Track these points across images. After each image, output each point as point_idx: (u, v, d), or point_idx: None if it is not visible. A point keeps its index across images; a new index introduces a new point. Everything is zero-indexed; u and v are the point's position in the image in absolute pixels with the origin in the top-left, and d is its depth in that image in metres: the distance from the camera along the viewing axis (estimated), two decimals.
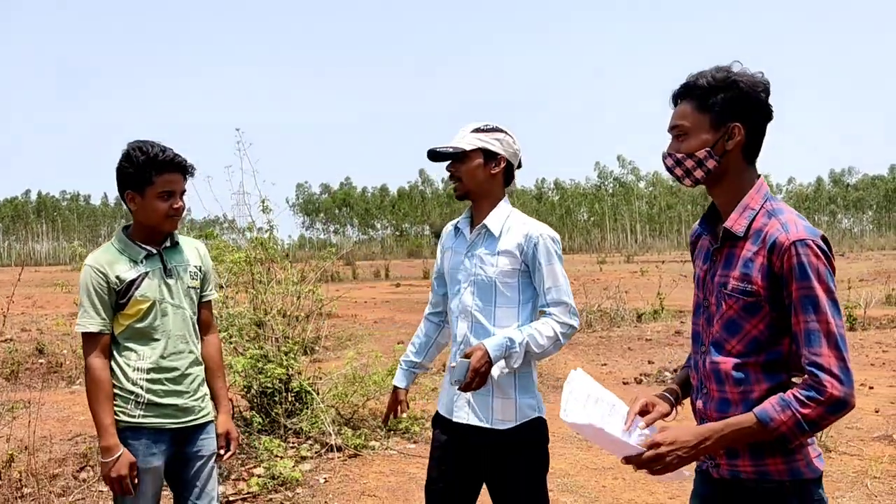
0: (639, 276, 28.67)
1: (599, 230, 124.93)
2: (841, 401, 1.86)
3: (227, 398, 3.18)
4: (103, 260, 2.83)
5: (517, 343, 2.65)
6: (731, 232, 2.05)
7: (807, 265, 1.90)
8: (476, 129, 2.83)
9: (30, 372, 10.04)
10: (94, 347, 2.81)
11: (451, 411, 2.84)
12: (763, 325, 1.99)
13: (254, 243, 6.44)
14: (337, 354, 10.15)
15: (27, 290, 25.99)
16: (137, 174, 2.79)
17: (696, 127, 2.06)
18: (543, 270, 2.77)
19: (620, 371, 9.47)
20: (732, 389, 2.04)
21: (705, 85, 2.04)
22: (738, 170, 2.07)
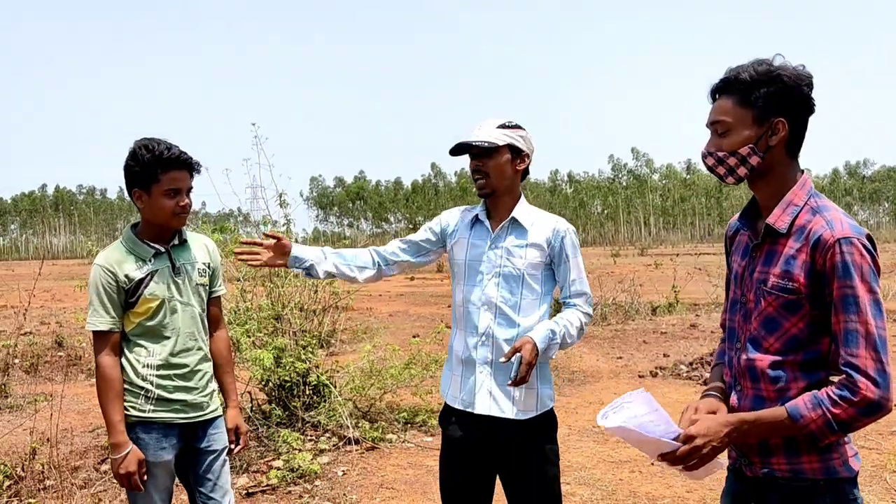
0: (653, 268, 28.58)
1: (613, 223, 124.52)
2: (875, 403, 1.83)
3: (236, 393, 3.19)
4: (112, 259, 2.85)
5: (558, 335, 2.72)
6: (773, 228, 2.01)
7: (850, 264, 1.86)
8: (501, 126, 2.84)
9: (49, 365, 10.15)
10: (104, 345, 2.84)
11: (469, 403, 2.83)
12: (803, 324, 1.96)
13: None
14: (353, 348, 10.20)
15: (45, 283, 26.23)
16: (143, 172, 2.80)
17: (739, 123, 2.00)
18: (570, 263, 2.85)
19: (636, 364, 9.46)
20: (768, 387, 2.01)
21: (747, 79, 1.98)
22: (781, 165, 2.02)
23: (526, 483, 2.82)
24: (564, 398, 7.64)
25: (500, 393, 2.78)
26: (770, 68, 1.96)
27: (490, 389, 2.79)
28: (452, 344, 2.96)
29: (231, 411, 3.12)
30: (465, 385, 2.85)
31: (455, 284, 2.97)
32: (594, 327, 12.73)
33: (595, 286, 16.48)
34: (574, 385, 8.33)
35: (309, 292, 6.59)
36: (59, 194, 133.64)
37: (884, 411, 1.84)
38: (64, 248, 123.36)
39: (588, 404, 7.34)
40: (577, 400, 7.54)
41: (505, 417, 2.78)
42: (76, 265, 43.50)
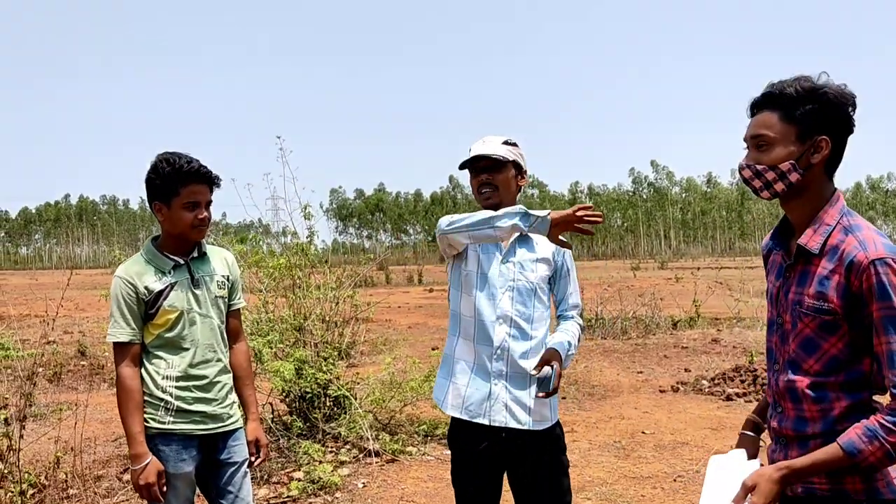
0: (673, 282, 28.39)
1: (633, 236, 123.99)
2: None
3: (256, 405, 3.20)
4: (132, 271, 2.89)
5: (572, 346, 2.83)
6: (805, 249, 1.99)
7: (887, 284, 1.84)
8: (505, 142, 2.95)
9: (72, 374, 10.25)
10: (124, 357, 2.86)
11: (476, 414, 2.84)
12: (842, 344, 1.94)
13: (294, 249, 6.52)
14: (372, 359, 10.21)
15: (69, 292, 26.43)
16: (164, 185, 2.85)
17: (782, 138, 1.97)
18: (571, 276, 2.99)
19: (657, 379, 9.40)
20: (811, 407, 1.98)
21: (793, 94, 1.95)
22: (818, 184, 2.01)
23: (539, 494, 2.86)
24: (585, 413, 7.60)
25: (516, 405, 2.82)
26: (815, 85, 1.95)
27: (506, 402, 2.82)
28: (454, 352, 2.95)
29: (251, 424, 3.13)
30: (473, 395, 2.86)
31: (462, 295, 2.93)
32: (614, 341, 12.67)
33: (615, 300, 16.39)
34: (594, 399, 8.29)
35: (330, 304, 6.62)
36: (82, 204, 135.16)
37: None
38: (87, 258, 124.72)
39: (608, 419, 7.29)
40: (597, 414, 7.50)
41: (522, 429, 2.82)
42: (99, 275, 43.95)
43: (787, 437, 2.06)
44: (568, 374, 9.57)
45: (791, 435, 2.04)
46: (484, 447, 2.86)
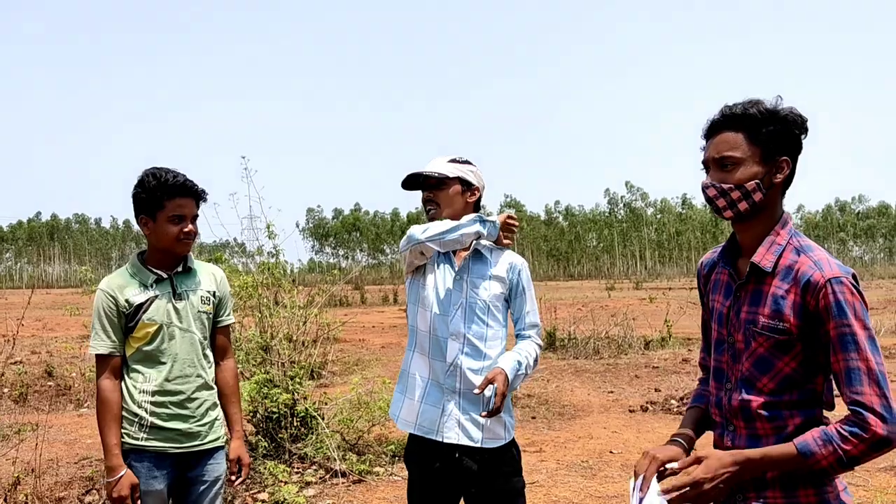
0: (647, 303, 28.60)
1: (609, 256, 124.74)
2: (884, 439, 1.84)
3: (240, 424, 3.19)
4: (114, 284, 2.90)
5: (523, 365, 2.80)
6: (758, 267, 2.03)
7: (844, 303, 1.89)
8: (452, 160, 2.99)
9: (38, 394, 10.09)
10: (104, 369, 2.87)
11: (429, 430, 2.85)
12: (795, 363, 1.98)
13: (261, 268, 6.51)
14: (344, 379, 10.17)
15: (38, 312, 26.13)
16: (150, 199, 2.87)
17: (748, 158, 2.01)
18: (526, 295, 2.96)
19: (627, 399, 9.44)
20: (765, 425, 2.01)
21: (757, 116, 2.00)
22: (775, 204, 2.06)
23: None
24: (554, 432, 7.61)
25: (469, 422, 2.82)
26: (776, 108, 2.01)
27: (458, 419, 2.82)
28: (409, 367, 2.96)
29: (234, 442, 3.12)
30: (426, 412, 2.87)
31: (419, 310, 2.95)
32: (586, 361, 12.72)
33: (588, 320, 16.48)
34: (564, 419, 8.31)
35: (298, 323, 6.60)
36: (54, 223, 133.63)
37: (892, 446, 1.86)
38: (58, 277, 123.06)
39: (577, 439, 7.31)
40: (566, 434, 7.51)
41: (474, 446, 2.81)
42: (70, 294, 43.37)
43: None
44: (539, 393, 9.59)
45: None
46: (438, 466, 2.85)
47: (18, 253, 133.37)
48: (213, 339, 3.13)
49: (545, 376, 11.04)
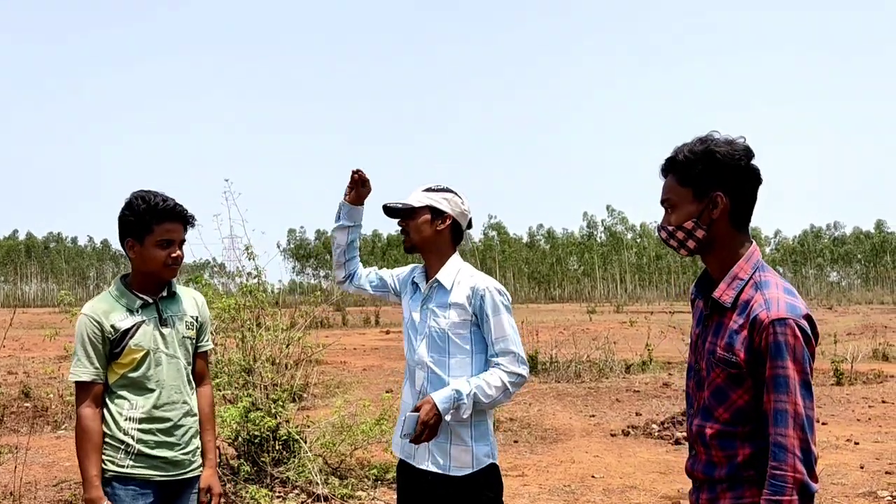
0: (628, 326, 28.70)
1: (590, 279, 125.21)
2: (803, 484, 1.90)
3: (214, 452, 3.13)
4: (99, 309, 2.84)
5: (464, 395, 2.77)
6: (718, 302, 2.10)
7: (783, 344, 1.93)
8: (427, 189, 3.05)
9: (15, 416, 9.96)
10: (86, 397, 2.81)
11: (409, 455, 2.96)
12: (748, 397, 2.03)
13: (242, 290, 6.50)
14: (325, 402, 10.13)
15: (15, 332, 25.78)
16: (138, 222, 2.84)
17: (682, 199, 2.13)
18: (491, 322, 2.90)
19: (608, 423, 9.47)
20: (718, 453, 2.09)
21: (683, 160, 2.12)
22: (727, 237, 2.12)
23: None
24: (536, 456, 7.62)
25: (436, 449, 2.88)
26: (705, 146, 2.09)
27: (428, 446, 2.88)
28: (403, 395, 3.08)
29: (207, 471, 3.05)
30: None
31: (405, 340, 3.10)
32: (568, 385, 12.75)
33: (570, 344, 16.52)
34: (546, 443, 8.32)
35: (280, 346, 6.58)
36: (30, 242, 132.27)
37: (811, 491, 1.91)
38: (35, 296, 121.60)
39: (559, 463, 7.33)
40: (548, 458, 7.52)
41: (442, 473, 2.86)
42: (47, 314, 42.85)
43: (699, 480, 2.16)
44: (521, 417, 9.61)
45: (701, 478, 2.14)
46: (416, 491, 2.94)
47: None
48: (192, 365, 3.08)
49: (527, 400, 11.05)
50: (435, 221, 3.01)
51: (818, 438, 8.15)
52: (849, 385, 12.59)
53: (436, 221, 3.01)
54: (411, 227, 3.02)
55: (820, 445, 7.94)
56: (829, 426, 9.13)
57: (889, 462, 7.18)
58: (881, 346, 17.69)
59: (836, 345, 17.04)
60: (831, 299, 68.64)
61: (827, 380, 13.00)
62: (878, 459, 7.33)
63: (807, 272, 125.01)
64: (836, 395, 11.46)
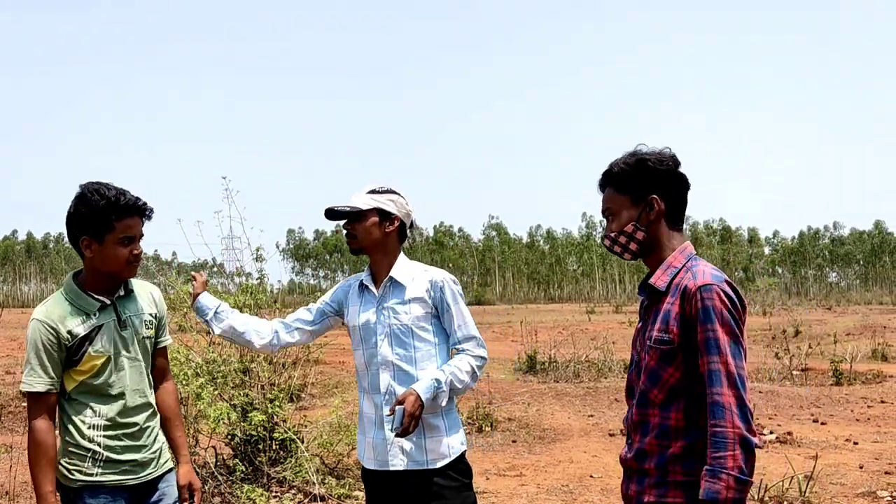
0: (627, 326, 28.68)
1: (589, 280, 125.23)
2: (743, 438, 1.99)
3: (186, 447, 3.04)
4: (54, 315, 2.65)
5: (443, 383, 2.83)
6: (654, 288, 2.26)
7: (710, 308, 2.07)
8: (371, 191, 3.04)
9: (13, 415, 9.95)
10: (40, 408, 2.64)
11: (383, 462, 2.93)
12: (679, 374, 2.14)
13: (243, 290, 6.48)
14: (323, 402, 10.11)
15: (13, 332, 25.75)
16: (95, 219, 2.63)
17: (621, 206, 2.33)
18: (452, 310, 2.98)
19: (607, 422, 9.45)
20: (652, 441, 2.18)
21: (618, 171, 2.32)
22: (665, 236, 2.31)
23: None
24: (534, 456, 7.60)
25: (411, 446, 2.88)
26: (637, 158, 2.31)
27: (401, 446, 2.89)
28: (362, 408, 3.06)
29: (183, 467, 2.97)
30: (377, 446, 2.95)
31: (355, 350, 3.08)
32: (566, 384, 12.72)
33: (569, 344, 16.51)
34: (545, 443, 8.30)
35: None
36: (30, 241, 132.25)
37: (752, 444, 2.01)
38: (35, 296, 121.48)
39: (557, 463, 7.30)
40: (546, 458, 7.50)
41: (421, 469, 2.87)
42: None
43: (630, 469, 2.27)
44: (519, 417, 9.58)
45: (633, 466, 2.25)
46: (392, 495, 2.94)
47: None
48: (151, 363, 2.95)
49: (526, 400, 11.03)
50: (383, 223, 3.02)
51: (817, 437, 8.21)
52: (848, 385, 12.57)
53: (384, 223, 3.03)
54: (359, 230, 3.02)
55: (819, 445, 7.95)
56: (828, 426, 9.11)
57: (888, 462, 7.16)
58: (880, 346, 17.64)
59: (835, 345, 17.01)
60: (830, 300, 68.60)
61: (826, 380, 12.98)
62: (877, 459, 7.31)
63: (806, 273, 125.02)
64: (836, 395, 11.44)
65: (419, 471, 2.88)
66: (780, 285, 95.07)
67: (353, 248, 3.06)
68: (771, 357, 14.42)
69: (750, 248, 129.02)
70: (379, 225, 3.01)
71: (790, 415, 9.93)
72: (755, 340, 20.36)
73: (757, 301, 41.45)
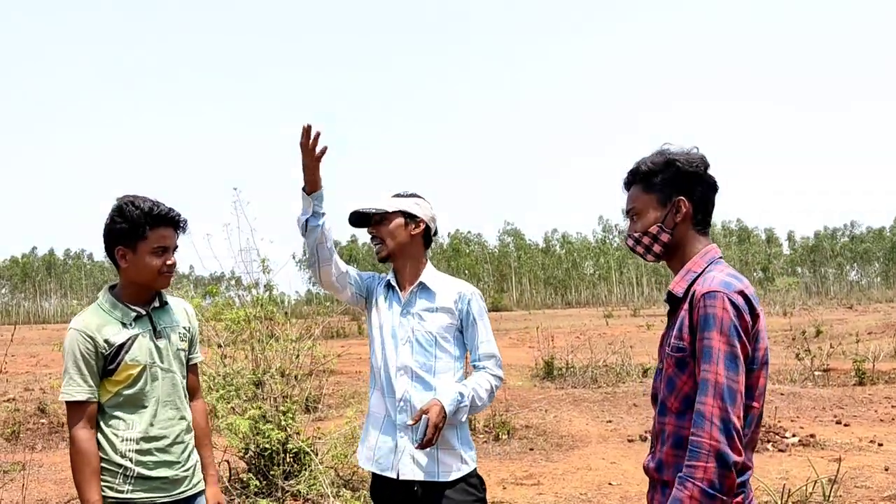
0: (644, 330, 28.49)
1: (606, 284, 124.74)
2: (720, 452, 1.92)
3: (215, 467, 3.03)
4: (92, 324, 2.69)
5: (466, 397, 2.77)
6: (672, 294, 2.20)
7: (711, 316, 2.00)
8: (396, 195, 2.99)
9: (31, 432, 9.97)
10: (80, 417, 2.66)
11: (385, 467, 2.86)
12: (692, 381, 2.08)
13: (255, 301, 6.45)
14: (339, 412, 10.07)
15: (32, 348, 25.96)
16: (131, 229, 2.69)
17: (647, 206, 2.26)
18: (478, 325, 2.92)
19: (625, 428, 9.34)
20: (669, 452, 2.13)
21: (646, 169, 2.26)
22: (690, 240, 2.24)
23: None
24: (552, 464, 7.51)
25: (423, 456, 2.81)
26: (665, 158, 2.24)
27: (412, 454, 2.82)
28: (370, 407, 2.99)
29: (211, 488, 2.95)
30: (382, 448, 2.88)
31: (373, 348, 3.02)
32: (584, 390, 12.61)
33: (586, 348, 16.39)
34: (562, 450, 8.20)
35: (290, 357, 6.52)
36: (50, 258, 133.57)
37: (729, 462, 1.93)
38: (55, 313, 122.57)
39: (576, 470, 7.21)
40: (564, 466, 7.41)
41: (430, 481, 2.80)
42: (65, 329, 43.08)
43: (653, 480, 2.21)
44: (537, 424, 9.49)
45: (656, 477, 2.19)
46: (396, 501, 2.86)
47: (14, 288, 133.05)
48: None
49: (543, 407, 10.94)
50: (409, 226, 2.96)
51: (840, 439, 8.07)
52: (871, 385, 12.38)
53: (409, 226, 2.96)
54: (384, 232, 2.95)
55: (843, 447, 7.81)
56: (851, 427, 8.96)
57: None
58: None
59: (857, 344, 16.78)
60: (851, 298, 67.88)
61: (849, 380, 12.80)
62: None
63: (826, 272, 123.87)
64: (859, 395, 11.27)
65: (430, 482, 2.81)
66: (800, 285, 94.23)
67: (382, 254, 2.97)
68: (792, 358, 14.25)
69: (768, 247, 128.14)
70: (405, 227, 2.95)
71: (812, 416, 9.78)
72: (775, 342, 20.15)
73: (777, 301, 41.09)
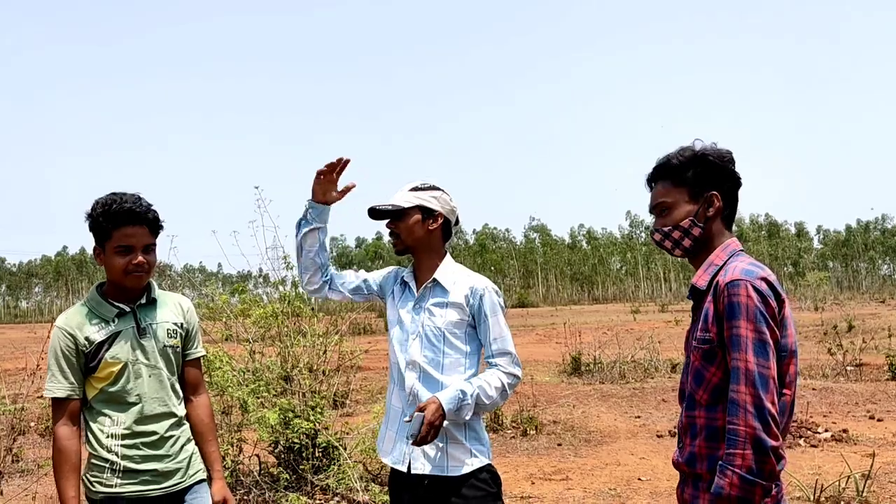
0: (672, 325, 28.27)
1: (633, 279, 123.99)
2: (756, 438, 1.92)
3: (220, 462, 2.98)
4: (73, 322, 2.68)
5: (468, 395, 2.72)
6: (695, 287, 2.19)
7: (736, 304, 2.00)
8: (414, 188, 2.95)
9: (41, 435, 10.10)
10: (61, 414, 2.64)
11: (398, 461, 2.86)
12: (721, 372, 2.07)
13: (282, 298, 6.50)
14: (367, 408, 10.10)
15: None
16: (96, 230, 2.68)
17: (678, 200, 2.25)
18: (489, 322, 2.85)
19: (654, 423, 9.27)
20: (702, 444, 2.12)
21: (677, 164, 2.24)
22: (718, 235, 2.24)
23: None
24: (581, 459, 7.48)
25: (432, 451, 2.79)
26: (695, 151, 2.23)
27: (423, 449, 2.79)
28: (390, 400, 2.98)
29: (217, 483, 2.92)
30: (397, 443, 2.87)
31: (389, 342, 3.01)
32: (612, 385, 12.55)
33: (614, 344, 16.30)
34: (591, 446, 8.17)
35: (318, 352, 6.56)
36: (81, 257, 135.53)
37: (767, 447, 1.92)
38: None
39: (604, 465, 7.17)
40: (593, 461, 7.37)
41: (440, 475, 2.78)
42: None
43: (684, 473, 2.20)
44: (565, 420, 9.46)
45: (686, 471, 2.18)
46: (409, 497, 2.85)
47: (47, 287, 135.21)
48: (182, 374, 2.92)
49: (571, 402, 10.89)
50: (426, 221, 2.93)
51: (874, 435, 7.95)
52: None
53: (427, 221, 2.93)
54: (402, 228, 2.93)
55: (876, 443, 7.69)
56: (885, 423, 8.82)
57: None
58: None
59: (890, 339, 16.51)
60: (884, 293, 66.85)
61: (882, 375, 12.60)
62: None
63: (857, 266, 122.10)
64: (892, 390, 11.09)
65: (440, 477, 2.79)
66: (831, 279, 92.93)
67: (398, 248, 2.96)
68: (824, 353, 14.06)
69: (798, 241, 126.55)
70: (422, 223, 2.92)
71: (845, 412, 9.65)
72: (806, 336, 19.89)
73: (808, 296, 40.57)
